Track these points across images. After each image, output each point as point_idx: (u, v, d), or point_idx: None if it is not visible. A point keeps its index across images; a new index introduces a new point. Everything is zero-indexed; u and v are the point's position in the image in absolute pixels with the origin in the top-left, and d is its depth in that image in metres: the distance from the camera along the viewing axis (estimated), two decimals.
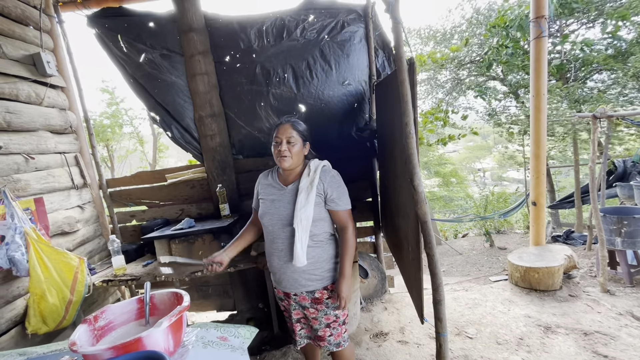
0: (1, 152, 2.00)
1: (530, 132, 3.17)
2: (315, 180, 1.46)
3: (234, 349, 1.22)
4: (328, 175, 1.50)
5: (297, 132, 1.48)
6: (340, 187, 1.51)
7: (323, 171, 1.51)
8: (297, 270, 1.49)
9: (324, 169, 1.53)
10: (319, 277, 1.51)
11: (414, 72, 1.42)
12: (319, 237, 1.50)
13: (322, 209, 1.50)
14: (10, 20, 2.19)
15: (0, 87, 2.02)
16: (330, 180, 1.49)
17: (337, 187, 1.50)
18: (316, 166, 1.52)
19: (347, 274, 1.47)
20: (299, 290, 1.52)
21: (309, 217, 1.44)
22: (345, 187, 1.53)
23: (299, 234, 1.43)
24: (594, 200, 2.88)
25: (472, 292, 2.97)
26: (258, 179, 1.68)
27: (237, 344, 1.27)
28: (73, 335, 1.06)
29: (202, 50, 2.55)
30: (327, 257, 1.53)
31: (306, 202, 1.44)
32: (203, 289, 3.04)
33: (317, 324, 1.55)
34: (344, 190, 1.52)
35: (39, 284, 1.94)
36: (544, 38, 2.95)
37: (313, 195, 1.44)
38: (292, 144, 1.45)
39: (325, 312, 1.53)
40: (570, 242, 4.78)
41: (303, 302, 1.54)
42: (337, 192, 1.49)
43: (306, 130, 1.54)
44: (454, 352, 2.16)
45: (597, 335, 2.17)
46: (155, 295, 1.32)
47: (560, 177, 12.59)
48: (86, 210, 2.67)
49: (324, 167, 1.53)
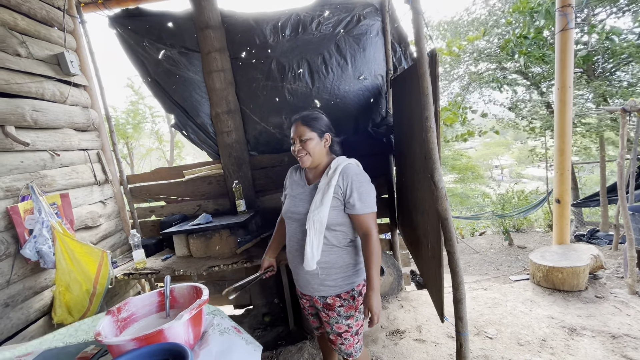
0: (28, 149, 2.08)
1: (555, 126, 3.04)
2: (333, 180, 1.35)
3: (248, 342, 1.23)
4: (349, 176, 1.35)
5: (309, 127, 1.39)
6: (362, 187, 1.35)
7: (344, 171, 1.37)
8: (309, 273, 1.42)
9: (346, 168, 1.38)
10: (332, 284, 1.42)
11: (436, 65, 1.37)
12: (335, 243, 1.39)
13: (341, 212, 1.37)
14: (36, 22, 2.26)
15: (27, 86, 2.09)
16: (352, 180, 1.35)
17: (359, 187, 1.34)
18: (337, 164, 1.39)
19: (375, 286, 1.31)
20: (311, 293, 1.48)
21: (323, 220, 1.34)
22: (370, 188, 1.37)
23: (310, 237, 1.35)
24: (622, 198, 2.75)
25: (492, 291, 2.90)
26: (288, 172, 1.61)
27: (250, 338, 1.27)
28: (98, 326, 1.09)
29: (218, 47, 2.57)
30: (343, 264, 1.42)
31: (321, 204, 1.34)
32: (220, 283, 3.09)
33: (328, 328, 1.50)
34: (367, 191, 1.35)
35: (65, 276, 2.02)
36: (570, 27, 2.82)
37: (329, 196, 1.34)
38: (306, 141, 1.38)
39: (336, 320, 1.45)
40: (594, 242, 4.59)
41: (316, 305, 1.50)
42: (357, 192, 1.33)
43: (320, 121, 1.42)
44: (473, 352, 2.11)
45: (627, 338, 2.07)
46: (175, 289, 1.34)
47: (582, 173, 12.12)
48: (108, 205, 2.75)
49: (346, 166, 1.39)
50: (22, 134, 2.02)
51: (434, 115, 1.36)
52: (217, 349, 1.11)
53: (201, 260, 2.36)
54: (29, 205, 1.98)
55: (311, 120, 1.41)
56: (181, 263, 2.36)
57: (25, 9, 2.16)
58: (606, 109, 3.33)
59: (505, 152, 23.03)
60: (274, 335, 2.65)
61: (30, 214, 1.97)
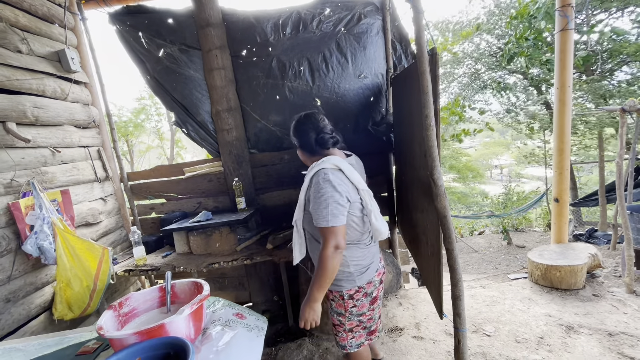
0: (29, 145, 2.08)
1: (554, 125, 3.06)
2: (304, 185, 1.40)
3: (250, 328, 1.24)
4: (312, 184, 1.33)
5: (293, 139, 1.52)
6: (318, 198, 1.28)
7: (314, 177, 1.34)
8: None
9: (315, 175, 1.33)
10: None
11: (436, 63, 1.38)
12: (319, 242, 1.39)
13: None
14: (37, 18, 2.27)
15: (28, 82, 2.10)
16: (313, 188, 1.32)
17: (315, 198, 1.30)
18: (312, 169, 1.38)
19: (310, 297, 1.31)
20: None
21: (299, 219, 1.45)
22: (327, 199, 1.27)
23: (294, 233, 1.48)
24: (621, 197, 2.76)
25: (490, 289, 2.91)
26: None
27: (252, 322, 1.29)
28: (100, 320, 1.10)
29: (219, 45, 2.57)
30: None
31: (298, 205, 1.44)
32: (220, 280, 3.10)
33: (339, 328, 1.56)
34: (321, 203, 1.27)
35: (65, 272, 2.02)
36: (570, 28, 2.83)
37: (302, 199, 1.41)
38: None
39: (331, 312, 1.54)
40: (592, 241, 4.61)
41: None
42: (313, 203, 1.31)
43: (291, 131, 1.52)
44: (471, 349, 2.12)
45: (623, 336, 2.09)
46: (176, 284, 1.35)
47: (582, 173, 12.15)
48: (108, 202, 2.76)
49: (317, 172, 1.34)
50: (23, 131, 2.03)
51: (434, 113, 1.37)
52: (219, 344, 1.12)
53: (201, 257, 2.37)
54: (30, 201, 1.99)
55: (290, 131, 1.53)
56: (181, 260, 2.37)
57: (26, 6, 2.17)
58: (605, 109, 3.34)
59: (505, 152, 23.08)
60: (273, 332, 2.66)
61: (32, 210, 1.98)
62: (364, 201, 1.37)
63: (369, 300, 1.48)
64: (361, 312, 1.48)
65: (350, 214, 1.35)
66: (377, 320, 1.55)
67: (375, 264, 1.49)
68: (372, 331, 1.55)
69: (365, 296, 1.46)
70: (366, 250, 1.46)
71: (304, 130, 1.46)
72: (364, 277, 1.44)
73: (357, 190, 1.36)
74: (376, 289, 1.50)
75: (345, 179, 1.33)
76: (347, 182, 1.33)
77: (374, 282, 1.48)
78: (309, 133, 1.45)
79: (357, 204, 1.36)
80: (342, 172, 1.33)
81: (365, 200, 1.37)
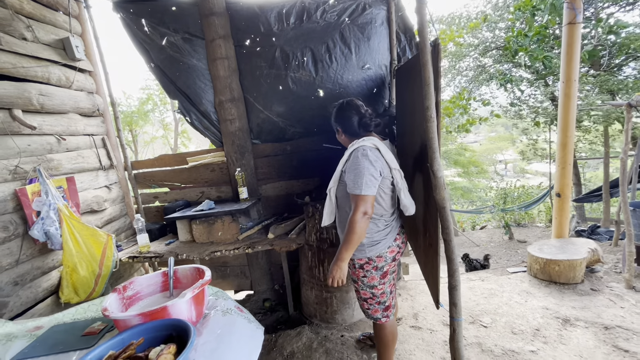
0: (35, 132, 2.11)
1: (558, 119, 3.04)
2: (344, 158, 1.56)
3: (250, 321, 1.27)
4: (351, 158, 1.50)
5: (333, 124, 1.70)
6: (356, 169, 1.44)
7: (352, 153, 1.50)
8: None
9: (354, 151, 1.50)
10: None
11: (438, 54, 1.38)
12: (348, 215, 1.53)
13: (345, 189, 1.53)
14: (41, 5, 2.27)
15: (34, 70, 2.12)
16: (350, 162, 1.49)
17: (354, 168, 1.45)
18: (351, 148, 1.54)
19: (337, 257, 1.49)
20: None
21: (333, 187, 1.62)
22: (363, 170, 1.42)
23: (327, 200, 1.66)
24: (624, 193, 2.75)
25: (489, 282, 2.94)
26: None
27: (251, 318, 1.32)
28: (104, 302, 1.14)
29: (222, 34, 2.56)
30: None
31: (334, 175, 1.61)
32: (222, 269, 3.15)
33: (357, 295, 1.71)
34: (358, 173, 1.43)
35: (71, 257, 2.07)
36: (577, 21, 2.78)
37: (338, 171, 1.58)
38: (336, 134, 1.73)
39: (362, 287, 1.65)
40: (595, 237, 4.60)
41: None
42: (350, 173, 1.47)
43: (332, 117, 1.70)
44: (467, 339, 2.16)
45: (619, 329, 2.11)
46: (178, 270, 1.39)
47: (587, 169, 12.04)
48: (113, 190, 2.80)
49: (356, 149, 1.51)
50: (28, 118, 2.06)
51: (435, 105, 1.37)
52: (220, 328, 1.15)
53: (204, 246, 2.41)
54: (36, 187, 2.02)
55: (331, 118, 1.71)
56: (184, 248, 2.42)
57: None
58: (612, 104, 3.30)
59: (510, 147, 22.88)
60: (274, 319, 2.72)
61: (38, 196, 2.02)
62: (395, 180, 1.54)
63: (379, 274, 1.61)
64: (372, 284, 1.63)
65: (380, 188, 1.51)
66: (389, 296, 1.68)
67: (387, 241, 1.60)
68: (387, 307, 1.69)
69: (376, 269, 1.60)
70: (382, 229, 1.59)
71: (347, 115, 1.62)
72: (374, 250, 1.58)
73: (390, 169, 1.52)
74: (387, 265, 1.62)
75: (381, 157, 1.50)
76: (382, 159, 1.50)
77: (385, 257, 1.60)
78: (352, 117, 1.61)
79: (388, 181, 1.53)
80: (378, 151, 1.51)
81: (397, 178, 1.54)
